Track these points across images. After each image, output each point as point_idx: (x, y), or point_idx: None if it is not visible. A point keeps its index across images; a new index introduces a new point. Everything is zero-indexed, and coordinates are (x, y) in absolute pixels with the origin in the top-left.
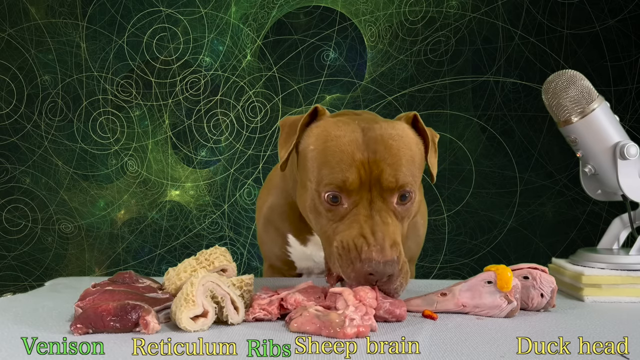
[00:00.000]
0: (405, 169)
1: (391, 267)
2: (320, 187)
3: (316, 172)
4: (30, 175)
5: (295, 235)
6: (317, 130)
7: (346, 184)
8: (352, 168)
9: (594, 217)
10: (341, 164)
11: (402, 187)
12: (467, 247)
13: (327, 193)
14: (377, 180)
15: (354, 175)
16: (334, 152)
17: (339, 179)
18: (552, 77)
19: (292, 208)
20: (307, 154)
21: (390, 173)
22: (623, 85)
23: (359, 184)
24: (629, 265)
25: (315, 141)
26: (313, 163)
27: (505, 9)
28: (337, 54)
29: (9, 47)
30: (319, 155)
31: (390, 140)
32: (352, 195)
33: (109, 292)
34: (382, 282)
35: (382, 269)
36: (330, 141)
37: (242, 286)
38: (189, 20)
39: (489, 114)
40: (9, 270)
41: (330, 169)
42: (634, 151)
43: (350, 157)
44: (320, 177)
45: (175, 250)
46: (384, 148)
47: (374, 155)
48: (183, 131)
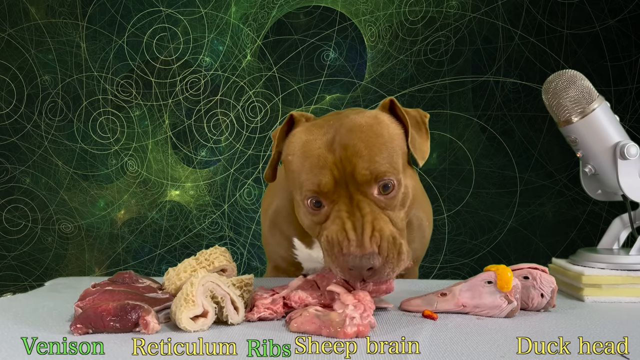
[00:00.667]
0: (379, 158)
1: (369, 260)
2: (302, 195)
3: (297, 180)
4: (30, 175)
5: (301, 238)
6: (293, 139)
7: (321, 187)
8: (324, 170)
9: (594, 217)
10: (314, 169)
11: (378, 177)
12: (467, 247)
13: (308, 199)
14: (351, 176)
15: (327, 177)
16: (307, 157)
17: (315, 183)
18: (552, 77)
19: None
20: (287, 164)
21: (363, 166)
22: (623, 85)
23: (333, 184)
24: (629, 265)
25: (292, 149)
26: (293, 172)
27: (505, 9)
28: (337, 54)
29: (9, 47)
30: (297, 163)
31: (359, 132)
32: (329, 196)
33: (109, 292)
34: (368, 275)
35: (359, 263)
36: (304, 147)
37: (242, 286)
38: (189, 20)
39: (489, 114)
40: (9, 270)
41: (307, 174)
42: (634, 151)
43: (323, 160)
44: (300, 184)
45: (175, 250)
46: (353, 142)
47: (345, 151)
48: (183, 131)
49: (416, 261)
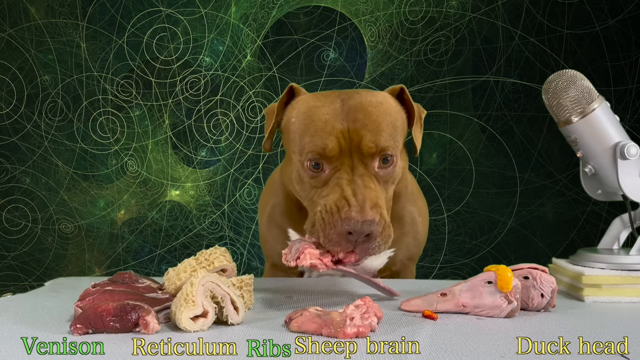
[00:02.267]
0: (385, 134)
1: (369, 226)
2: (302, 156)
3: (298, 141)
4: (30, 175)
5: (296, 229)
6: (297, 104)
7: (326, 151)
8: (331, 136)
9: (594, 217)
10: (321, 132)
11: (382, 151)
12: (467, 247)
13: (308, 160)
14: (357, 147)
15: (334, 143)
16: (314, 121)
17: (319, 146)
18: (552, 77)
19: (289, 202)
20: (289, 126)
21: (369, 139)
22: (623, 85)
23: (338, 150)
24: (629, 265)
25: (296, 113)
26: (295, 134)
27: (505, 9)
28: (337, 54)
29: (9, 47)
30: (300, 125)
31: (370, 107)
32: (332, 161)
33: (108, 292)
34: (360, 242)
35: (360, 228)
36: (310, 111)
37: (242, 286)
38: (189, 20)
39: (489, 114)
40: (9, 270)
41: (311, 137)
42: (634, 151)
43: (330, 126)
44: (302, 146)
45: (175, 250)
46: (363, 115)
47: (354, 123)
48: (183, 131)
49: (412, 259)
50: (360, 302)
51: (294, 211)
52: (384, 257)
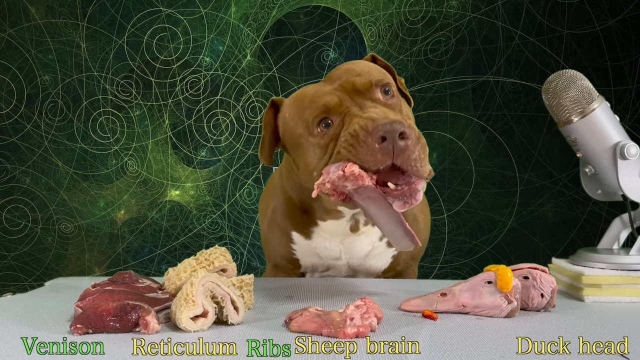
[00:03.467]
0: (375, 71)
1: (400, 125)
2: (310, 127)
3: (300, 122)
4: (30, 175)
5: (299, 230)
6: (285, 105)
7: (327, 105)
8: (326, 95)
9: (594, 217)
10: (316, 98)
11: (379, 82)
12: (467, 247)
13: (317, 125)
14: (353, 90)
15: (331, 96)
16: (305, 96)
17: (319, 105)
18: (552, 77)
19: (292, 205)
20: (288, 122)
21: (363, 77)
22: (623, 85)
23: (338, 100)
24: (629, 265)
25: (288, 108)
26: (295, 120)
27: (505, 9)
28: (337, 54)
29: (9, 47)
30: (296, 110)
31: (351, 65)
32: (338, 109)
33: (108, 292)
34: (399, 151)
35: (391, 127)
36: (298, 96)
37: (242, 286)
38: (189, 20)
39: (489, 114)
40: (9, 270)
41: (309, 108)
42: (634, 151)
43: (322, 91)
44: (305, 121)
45: (175, 250)
46: (347, 72)
47: (340, 79)
48: (183, 131)
49: (415, 258)
50: (360, 302)
51: (297, 214)
52: (388, 257)
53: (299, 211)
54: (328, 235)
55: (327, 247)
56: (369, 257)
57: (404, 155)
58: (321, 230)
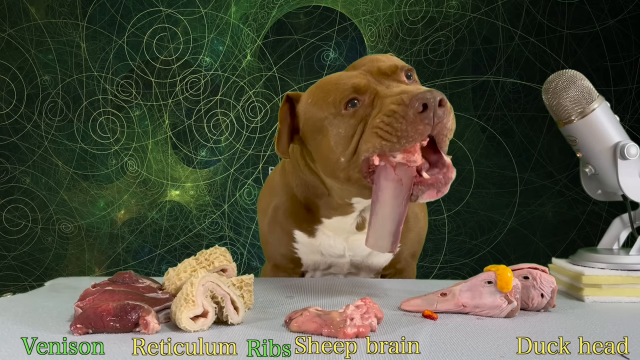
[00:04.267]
0: (397, 59)
1: (438, 92)
2: (337, 107)
3: (325, 105)
4: (30, 175)
5: (302, 228)
6: (305, 95)
7: (355, 85)
8: (353, 77)
9: (594, 217)
10: (342, 80)
11: (403, 67)
12: (467, 247)
13: (344, 103)
14: (379, 72)
15: (359, 79)
16: (330, 81)
17: (348, 86)
18: (552, 77)
19: (294, 202)
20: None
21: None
22: (623, 85)
23: (366, 82)
24: (629, 265)
25: (310, 95)
26: (319, 104)
27: (505, 9)
28: (337, 54)
29: (9, 47)
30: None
31: (374, 56)
32: (366, 90)
33: (108, 292)
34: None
35: (432, 95)
36: (321, 82)
37: (242, 286)
38: (189, 20)
39: (489, 114)
40: (9, 270)
41: (336, 90)
42: (634, 151)
43: (346, 76)
44: (332, 102)
45: (175, 250)
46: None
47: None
48: (183, 131)
49: (414, 255)
50: (360, 302)
51: (301, 212)
52: (389, 255)
53: (303, 209)
54: (332, 233)
55: (331, 244)
56: (372, 254)
57: (442, 123)
58: (325, 227)
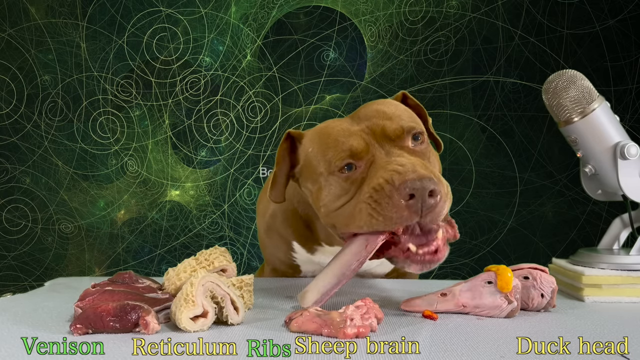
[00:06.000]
0: (405, 117)
1: (429, 182)
2: (331, 167)
3: (322, 161)
4: (30, 175)
5: (302, 243)
6: (307, 138)
7: (353, 149)
8: (353, 136)
9: (594, 217)
10: (340, 138)
11: (410, 130)
12: (467, 247)
13: (338, 167)
14: (382, 135)
15: (358, 140)
16: (330, 135)
17: (344, 150)
18: (553, 77)
19: (295, 215)
20: (308, 158)
21: (394, 122)
22: (623, 85)
23: (365, 145)
24: (630, 265)
25: (311, 143)
26: (317, 157)
27: (505, 9)
28: (337, 54)
29: (9, 47)
30: (320, 147)
31: (380, 104)
32: (363, 156)
33: (108, 293)
34: (427, 209)
35: (421, 184)
36: (323, 131)
37: (242, 286)
38: (189, 20)
39: (489, 114)
40: (9, 270)
41: (334, 149)
42: (634, 151)
43: (348, 131)
44: (327, 160)
45: (175, 250)
46: (376, 113)
47: (369, 120)
48: (183, 131)
49: None
50: (360, 302)
51: (300, 226)
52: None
53: (302, 224)
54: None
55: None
56: (375, 267)
57: (433, 213)
58: (326, 251)
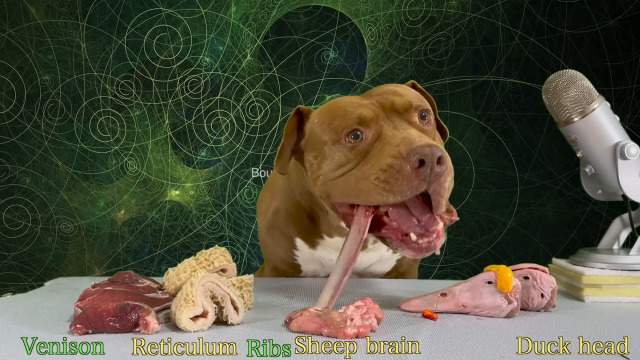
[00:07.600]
0: (414, 95)
1: (438, 149)
2: (337, 134)
3: (328, 129)
4: (30, 175)
5: (304, 238)
6: (315, 113)
7: (362, 117)
8: (361, 107)
9: (594, 217)
10: (350, 108)
11: (418, 107)
12: (467, 247)
13: (345, 135)
14: (391, 108)
15: (367, 110)
16: (339, 106)
17: (353, 116)
18: (553, 77)
19: (299, 210)
20: (314, 129)
21: (403, 98)
22: (623, 85)
23: (374, 115)
24: (630, 266)
25: (319, 116)
26: (323, 127)
27: (505, 9)
28: (337, 54)
29: (9, 47)
30: (327, 118)
31: (393, 86)
32: (371, 125)
33: (108, 293)
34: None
35: (431, 150)
36: (332, 105)
37: (242, 286)
38: (189, 20)
39: (489, 114)
40: (9, 270)
41: (342, 117)
42: (634, 151)
43: (357, 103)
44: (335, 129)
45: (175, 250)
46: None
47: (379, 96)
48: (183, 131)
49: (416, 259)
50: (360, 302)
51: (304, 220)
52: (392, 261)
53: (306, 218)
54: (334, 250)
55: (332, 259)
56: (374, 263)
57: (439, 181)
58: (327, 244)
